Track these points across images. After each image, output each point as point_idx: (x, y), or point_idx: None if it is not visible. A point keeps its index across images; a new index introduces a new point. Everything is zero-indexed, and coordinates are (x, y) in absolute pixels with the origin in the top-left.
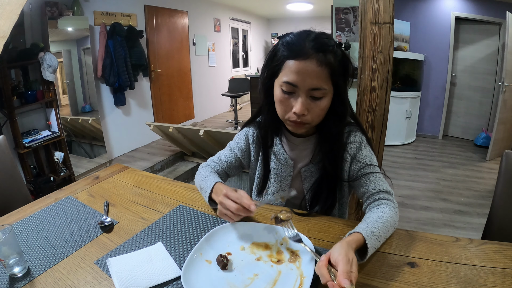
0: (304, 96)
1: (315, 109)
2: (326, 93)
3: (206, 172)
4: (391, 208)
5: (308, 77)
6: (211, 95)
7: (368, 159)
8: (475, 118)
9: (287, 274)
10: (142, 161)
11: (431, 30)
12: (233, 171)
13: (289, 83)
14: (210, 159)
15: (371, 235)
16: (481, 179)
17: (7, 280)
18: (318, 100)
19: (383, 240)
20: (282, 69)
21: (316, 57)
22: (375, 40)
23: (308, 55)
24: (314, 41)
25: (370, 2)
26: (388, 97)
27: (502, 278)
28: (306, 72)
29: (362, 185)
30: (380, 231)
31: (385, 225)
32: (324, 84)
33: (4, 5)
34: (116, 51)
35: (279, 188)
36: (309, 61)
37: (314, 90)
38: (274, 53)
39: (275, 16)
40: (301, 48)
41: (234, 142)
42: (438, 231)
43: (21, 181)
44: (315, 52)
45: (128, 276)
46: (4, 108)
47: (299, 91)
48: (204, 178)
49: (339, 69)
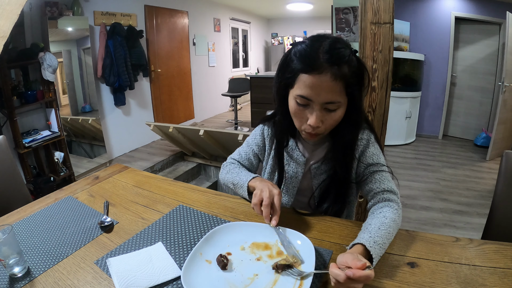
0: (319, 109)
1: (329, 120)
2: (341, 105)
3: (236, 169)
4: (394, 210)
5: (322, 92)
6: (211, 95)
7: (376, 157)
8: (475, 118)
9: (287, 274)
10: (142, 161)
11: (431, 30)
12: (254, 166)
13: (304, 97)
14: (231, 157)
15: (375, 245)
16: (481, 179)
17: (7, 280)
18: (332, 112)
19: (387, 246)
20: (296, 82)
21: (331, 71)
22: (375, 40)
23: (322, 69)
24: (329, 53)
25: (370, 2)
26: (388, 97)
27: (502, 278)
28: (321, 87)
29: (368, 183)
30: (384, 239)
31: (388, 231)
32: (339, 97)
33: (4, 5)
34: (116, 51)
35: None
36: (324, 75)
37: (329, 104)
38: (287, 63)
39: (275, 16)
40: (315, 61)
41: (251, 138)
42: (438, 231)
43: (21, 181)
44: (330, 65)
45: (128, 276)
46: (4, 108)
47: (313, 104)
48: (236, 175)
49: (354, 79)
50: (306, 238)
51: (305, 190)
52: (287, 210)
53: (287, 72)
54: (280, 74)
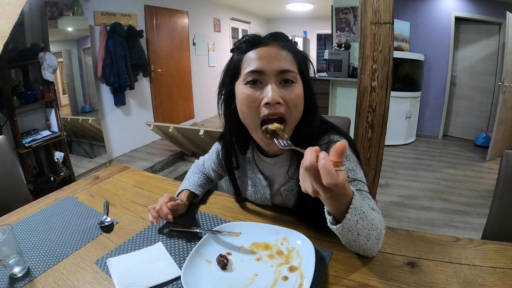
0: (274, 82)
1: (289, 95)
2: (297, 78)
3: (191, 172)
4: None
5: (273, 60)
6: (211, 95)
7: (352, 173)
8: (475, 118)
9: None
10: (142, 161)
11: (431, 30)
12: (214, 178)
13: (254, 71)
14: (200, 158)
15: (360, 198)
16: (481, 179)
17: (7, 280)
18: (290, 85)
19: (367, 220)
20: (243, 65)
21: (277, 43)
22: (375, 40)
23: (268, 42)
24: (271, 33)
25: (370, 2)
26: (388, 97)
27: (502, 278)
28: (270, 55)
29: None
30: (367, 212)
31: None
32: (293, 67)
33: (4, 5)
34: (116, 51)
35: (260, 205)
36: (270, 46)
37: (284, 73)
38: (230, 60)
39: (275, 16)
40: (259, 38)
41: (209, 155)
42: (438, 231)
43: (21, 181)
44: (274, 39)
45: (128, 276)
46: (4, 108)
47: (266, 78)
48: (186, 178)
49: (301, 59)
50: (306, 238)
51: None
52: (287, 210)
53: (231, 64)
54: (224, 75)
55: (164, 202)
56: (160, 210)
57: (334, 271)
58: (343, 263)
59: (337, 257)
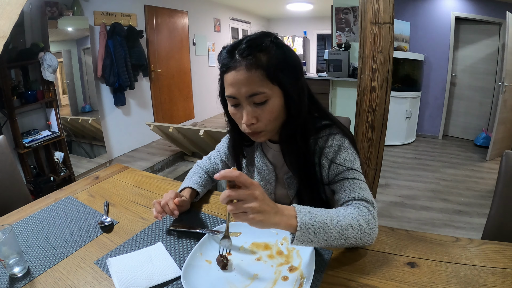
0: (247, 104)
1: (262, 114)
2: (268, 95)
3: (193, 172)
4: (360, 211)
5: (242, 86)
6: (211, 95)
7: (349, 163)
8: (475, 118)
9: (287, 274)
10: (142, 161)
11: (431, 30)
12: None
13: (230, 96)
14: (204, 158)
15: (307, 213)
16: (481, 179)
17: (7, 280)
18: (262, 105)
19: (328, 229)
20: (225, 85)
21: (245, 64)
22: (375, 40)
23: (237, 63)
24: (244, 46)
25: (370, 2)
26: (388, 97)
27: (502, 278)
28: (238, 81)
29: (337, 192)
30: (323, 216)
31: (336, 215)
32: (260, 87)
33: (4, 5)
34: (116, 51)
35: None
36: (239, 69)
37: (253, 96)
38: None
39: (275, 16)
40: (231, 59)
41: (220, 145)
42: (438, 231)
43: (21, 181)
44: (243, 58)
45: (128, 276)
46: (4, 108)
47: (240, 101)
48: (188, 177)
49: (278, 65)
50: None
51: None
52: None
53: (219, 79)
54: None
55: (171, 198)
56: (166, 205)
57: (334, 271)
58: (343, 263)
59: (337, 257)
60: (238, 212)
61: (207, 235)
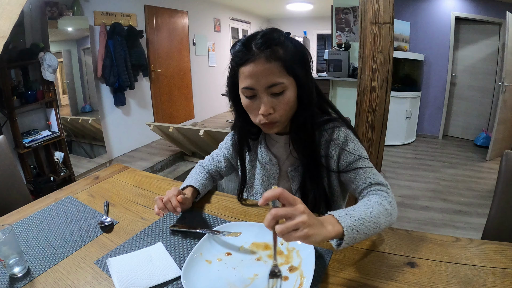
0: (265, 95)
1: (279, 105)
2: (286, 86)
3: (195, 171)
4: (381, 196)
5: (261, 77)
6: (211, 95)
7: (357, 152)
8: (475, 118)
9: (287, 274)
10: (142, 161)
11: (431, 30)
12: (225, 170)
13: (247, 88)
14: (206, 157)
15: (345, 215)
16: (481, 179)
17: (7, 280)
18: (280, 95)
19: (366, 222)
20: (239, 78)
21: (264, 55)
22: (375, 40)
23: (255, 56)
24: (261, 40)
25: (370, 2)
26: (388, 97)
27: (502, 278)
28: (258, 72)
29: (353, 181)
30: (360, 213)
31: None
32: (279, 78)
33: (4, 5)
34: (116, 51)
35: (266, 188)
36: (258, 61)
37: (272, 87)
38: (230, 64)
39: (275, 16)
40: (248, 52)
41: (224, 143)
42: (438, 231)
43: (21, 181)
44: (261, 51)
45: (128, 276)
46: (4, 108)
47: (258, 92)
48: (190, 176)
49: (293, 58)
50: None
51: None
52: None
53: (231, 71)
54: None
55: (174, 195)
56: (168, 202)
57: (334, 271)
58: (343, 263)
59: (337, 257)
60: (289, 231)
61: (207, 235)
